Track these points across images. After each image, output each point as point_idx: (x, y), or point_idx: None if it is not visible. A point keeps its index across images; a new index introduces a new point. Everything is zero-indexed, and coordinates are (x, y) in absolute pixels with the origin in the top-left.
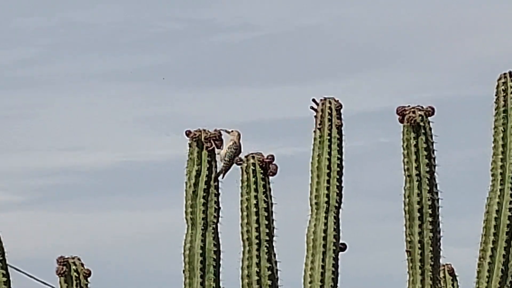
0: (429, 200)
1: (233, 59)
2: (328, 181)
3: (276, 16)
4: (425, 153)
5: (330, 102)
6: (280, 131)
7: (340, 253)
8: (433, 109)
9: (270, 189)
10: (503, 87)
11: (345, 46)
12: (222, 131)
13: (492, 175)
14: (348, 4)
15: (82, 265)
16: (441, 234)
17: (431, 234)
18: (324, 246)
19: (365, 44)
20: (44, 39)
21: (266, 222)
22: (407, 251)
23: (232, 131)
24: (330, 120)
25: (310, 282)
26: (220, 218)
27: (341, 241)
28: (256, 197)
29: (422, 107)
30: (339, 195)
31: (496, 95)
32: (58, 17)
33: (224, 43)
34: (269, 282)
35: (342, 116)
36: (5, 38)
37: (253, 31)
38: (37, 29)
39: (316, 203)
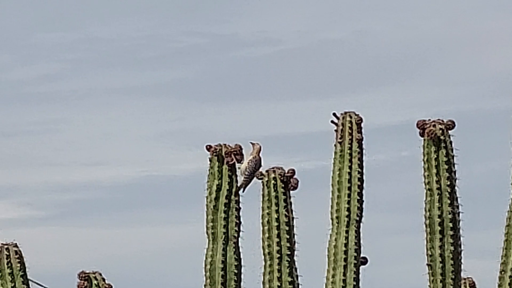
0: (449, 213)
1: (255, 73)
2: (349, 195)
3: (297, 30)
4: (446, 166)
5: (350, 116)
6: (301, 145)
7: (361, 267)
8: (453, 122)
9: (291, 203)
10: None
11: (367, 60)
12: (250, 144)
13: None
14: (370, 18)
15: (104, 280)
16: (462, 247)
17: (452, 248)
18: (345, 260)
19: (386, 58)
20: (66, 54)
21: (287, 236)
22: (428, 264)
23: (257, 143)
24: (350, 134)
25: None
26: (241, 233)
27: (362, 255)
28: (277, 211)
29: (442, 120)
30: (360, 208)
31: None
32: (80, 33)
33: (245, 57)
34: None
35: (363, 130)
36: (28, 54)
37: (274, 46)
38: (59, 45)
39: (337, 217)
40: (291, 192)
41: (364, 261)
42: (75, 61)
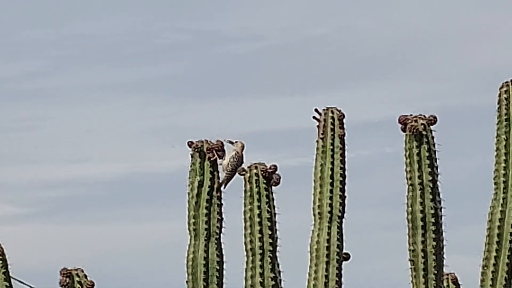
0: (432, 208)
1: (238, 69)
2: (331, 191)
3: (281, 27)
4: (428, 161)
5: (332, 112)
6: (284, 141)
7: (344, 262)
8: (435, 118)
9: (273, 199)
10: (505, 95)
11: (351, 56)
12: (226, 142)
13: (495, 183)
14: (354, 14)
15: (86, 276)
16: (444, 242)
17: (434, 243)
18: (328, 255)
19: (370, 54)
20: (50, 51)
21: (270, 232)
22: (410, 260)
23: (236, 142)
24: (332, 129)
25: None
26: (223, 229)
27: (344, 251)
28: (259, 207)
29: (424, 116)
30: (342, 204)
31: (498, 104)
32: (64, 29)
33: (229, 53)
34: None
35: (346, 126)
36: (12, 51)
37: (258, 42)
38: (43, 41)
39: (319, 213)
40: (273, 188)
41: (347, 256)
42: (59, 57)
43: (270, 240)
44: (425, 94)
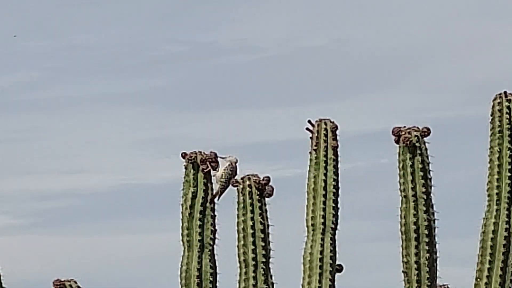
0: (425, 220)
1: (234, 81)
2: (324, 202)
3: (277, 38)
4: (421, 173)
5: (325, 124)
6: (277, 153)
7: (337, 274)
8: (428, 129)
9: (266, 211)
10: (498, 107)
11: (346, 68)
12: (219, 158)
13: (488, 195)
14: (349, 26)
15: (79, 287)
16: (438, 254)
17: (427, 255)
18: (321, 267)
19: (365, 66)
20: (45, 62)
21: (263, 244)
22: (403, 271)
23: (229, 156)
24: (325, 141)
25: None
26: (216, 240)
27: (337, 262)
28: (252, 218)
29: (418, 127)
30: (335, 216)
31: (491, 116)
32: (60, 41)
33: (225, 65)
34: None
35: (340, 137)
36: (7, 61)
37: (254, 53)
38: (38, 53)
39: (312, 225)
40: (266, 199)
41: (340, 268)
42: (55, 69)
43: (263, 252)
44: (418, 106)
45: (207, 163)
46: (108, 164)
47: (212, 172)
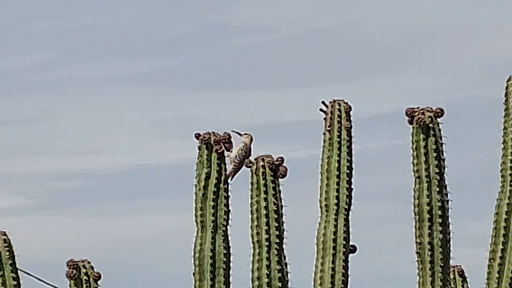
0: (438, 201)
1: (247, 61)
2: (338, 183)
3: (291, 18)
4: (435, 154)
5: (339, 104)
6: (292, 133)
7: (350, 255)
8: (442, 110)
9: (280, 191)
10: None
11: (360, 49)
12: (234, 133)
13: (502, 176)
14: (363, 7)
15: (92, 268)
16: (451, 235)
17: (441, 236)
18: (334, 248)
19: (379, 47)
20: (59, 43)
21: (276, 225)
22: (417, 252)
23: (245, 133)
24: (339, 122)
25: (320, 284)
26: (230, 221)
27: (351, 243)
28: (266, 199)
29: (431, 108)
30: (349, 197)
31: (505, 96)
32: (73, 21)
33: (238, 46)
34: (279, 284)
35: (354, 118)
36: (21, 42)
37: (267, 34)
38: (52, 33)
39: (326, 205)
40: (280, 180)
41: (353, 249)
42: (69, 49)
43: (277, 233)
44: (432, 87)
45: (221, 143)
46: (121, 145)
47: (226, 153)
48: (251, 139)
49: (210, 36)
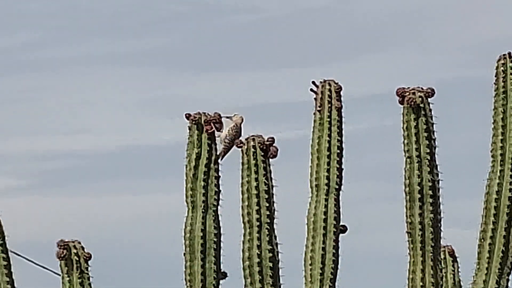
0: (429, 181)
1: (237, 41)
2: (328, 163)
3: None
4: (425, 134)
5: (329, 84)
6: (283, 114)
7: (341, 235)
8: (433, 90)
9: (270, 172)
10: (502, 68)
11: (350, 28)
12: (223, 117)
13: (492, 156)
14: None
15: (83, 248)
16: (442, 215)
17: (431, 216)
18: (325, 228)
19: (369, 26)
20: (47, 22)
21: (267, 205)
22: (407, 232)
23: (235, 115)
24: (329, 102)
25: (310, 264)
26: (220, 201)
27: (341, 223)
28: (256, 179)
29: (422, 88)
30: (339, 177)
31: (495, 76)
32: (61, 1)
33: (228, 25)
34: (270, 264)
35: (346, 98)
36: (9, 22)
37: (257, 13)
38: (40, 13)
39: (316, 185)
40: (270, 160)
41: (344, 229)
42: (57, 29)
43: (267, 213)
44: (423, 67)
45: (211, 124)
46: (111, 125)
47: (216, 133)
48: (242, 119)
49: (200, 15)
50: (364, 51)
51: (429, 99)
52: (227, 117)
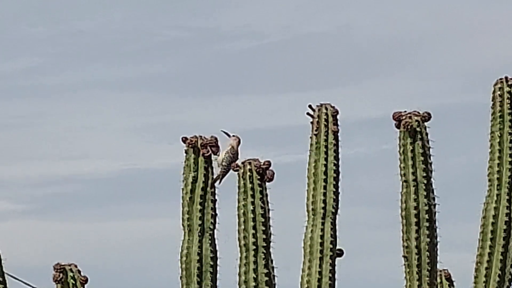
0: (426, 205)
1: (237, 67)
2: (325, 187)
3: (280, 24)
4: (422, 158)
5: (326, 108)
6: (280, 138)
7: (337, 258)
8: (429, 114)
9: (267, 195)
10: (499, 92)
11: (349, 54)
12: (223, 133)
13: (489, 180)
14: (353, 12)
15: (79, 272)
16: (438, 239)
17: (428, 239)
18: (321, 252)
19: (368, 52)
20: (48, 48)
21: (263, 228)
22: (404, 256)
23: (233, 135)
24: (326, 126)
25: None
26: (217, 225)
27: (338, 247)
28: (253, 203)
29: (418, 112)
30: (336, 200)
31: (492, 101)
32: (62, 26)
33: (228, 51)
34: None
35: (343, 123)
36: (9, 47)
37: (257, 39)
38: (41, 38)
39: (313, 209)
40: (267, 184)
41: (340, 253)
42: (57, 54)
43: (264, 236)
44: (420, 92)
45: (208, 147)
46: (109, 149)
47: (213, 156)
48: (239, 141)
49: (199, 41)
50: (362, 76)
51: (425, 123)
52: (227, 134)
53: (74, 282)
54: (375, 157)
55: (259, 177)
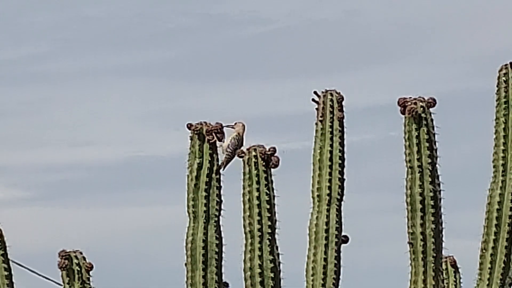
0: (431, 191)
1: (244, 53)
2: (330, 174)
3: (287, 10)
4: (427, 144)
5: (331, 95)
6: (285, 124)
7: (342, 245)
8: (434, 100)
9: (272, 182)
10: (504, 78)
11: (356, 40)
12: (226, 127)
13: (494, 166)
14: None
15: (84, 258)
16: (443, 226)
17: (433, 226)
18: (326, 238)
19: (375, 38)
20: (55, 34)
21: (268, 215)
22: (409, 243)
23: (236, 123)
24: (331, 112)
25: (312, 275)
26: (222, 211)
27: (343, 234)
28: (258, 189)
29: (423, 98)
30: (341, 187)
31: (497, 87)
32: (69, 12)
33: (235, 37)
34: (272, 275)
35: (349, 110)
36: (17, 34)
37: (264, 25)
38: (48, 25)
39: (318, 196)
40: (272, 170)
41: (345, 239)
42: (64, 40)
43: (269, 223)
44: (426, 78)
45: (213, 133)
46: (116, 136)
47: (218, 143)
48: (244, 128)
49: (206, 27)
50: (368, 63)
51: (430, 109)
52: (230, 126)
53: (79, 269)
54: (381, 143)
55: (264, 163)
